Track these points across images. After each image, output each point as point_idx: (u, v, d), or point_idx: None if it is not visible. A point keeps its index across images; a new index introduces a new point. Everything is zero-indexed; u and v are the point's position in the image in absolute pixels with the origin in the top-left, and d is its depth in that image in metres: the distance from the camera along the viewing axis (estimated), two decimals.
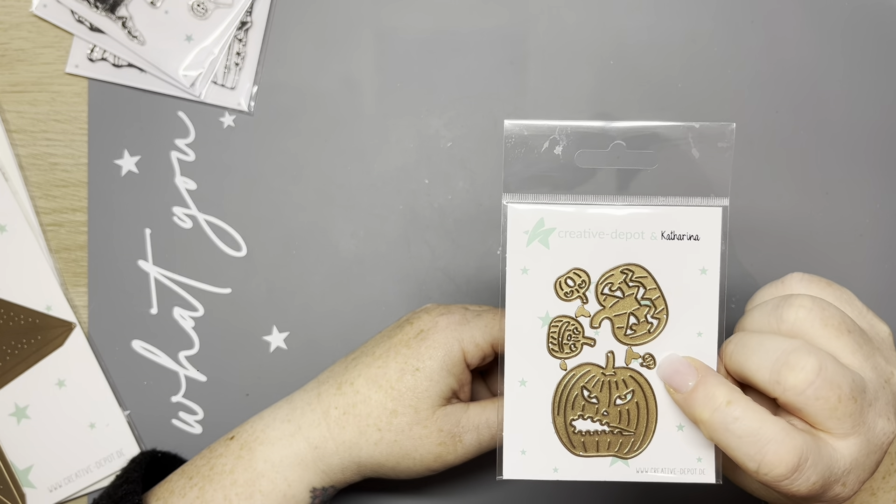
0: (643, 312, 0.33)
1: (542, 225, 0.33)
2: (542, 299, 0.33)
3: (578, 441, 0.34)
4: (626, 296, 0.33)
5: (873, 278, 0.50)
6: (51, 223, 0.49)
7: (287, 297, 0.49)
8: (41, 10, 0.48)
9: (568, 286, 0.33)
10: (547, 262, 0.33)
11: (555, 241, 0.33)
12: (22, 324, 0.48)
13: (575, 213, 0.32)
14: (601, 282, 0.33)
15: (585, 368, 0.34)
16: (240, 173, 0.49)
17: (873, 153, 0.49)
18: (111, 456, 0.49)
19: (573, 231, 0.33)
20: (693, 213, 0.33)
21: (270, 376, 0.50)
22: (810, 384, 0.31)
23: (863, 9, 0.49)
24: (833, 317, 0.33)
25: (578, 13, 0.49)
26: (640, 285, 0.33)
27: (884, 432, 0.32)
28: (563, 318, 0.33)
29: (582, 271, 0.33)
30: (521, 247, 0.33)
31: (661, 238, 0.33)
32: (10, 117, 0.49)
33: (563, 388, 0.34)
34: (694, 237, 0.33)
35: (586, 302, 0.33)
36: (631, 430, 0.34)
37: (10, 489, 0.48)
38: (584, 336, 0.33)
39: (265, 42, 0.49)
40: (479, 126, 0.49)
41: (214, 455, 0.42)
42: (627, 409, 0.34)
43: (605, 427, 0.34)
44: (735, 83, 0.49)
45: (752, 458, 0.31)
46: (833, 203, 0.49)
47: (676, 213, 0.33)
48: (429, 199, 0.49)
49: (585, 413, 0.34)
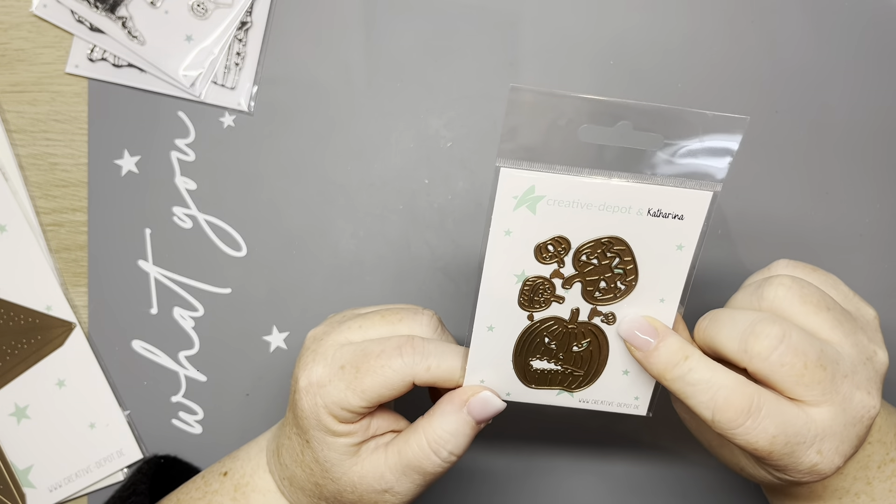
0: (614, 279, 0.35)
1: (533, 192, 0.33)
2: (520, 260, 0.34)
3: (533, 377, 0.36)
4: (601, 264, 0.34)
5: (873, 278, 0.50)
6: (51, 223, 0.49)
7: (287, 297, 0.49)
8: (41, 10, 0.48)
9: (548, 251, 0.34)
10: (531, 227, 0.33)
11: (542, 207, 0.33)
12: (22, 324, 0.48)
13: (566, 183, 0.33)
14: (580, 250, 0.34)
15: (550, 321, 0.35)
16: (240, 173, 0.49)
17: (873, 153, 0.49)
18: (111, 456, 0.49)
19: (561, 200, 0.33)
20: (683, 194, 0.33)
21: (270, 376, 0.50)
22: (774, 349, 0.32)
23: (863, 9, 0.49)
24: (812, 294, 0.34)
25: (578, 13, 0.49)
26: (617, 256, 0.34)
27: (863, 405, 0.33)
28: (537, 277, 0.34)
29: (563, 239, 0.34)
30: (508, 210, 0.33)
31: (646, 214, 0.33)
32: (10, 117, 0.49)
33: (526, 335, 0.36)
34: (679, 217, 0.33)
35: (563, 266, 0.34)
36: (581, 371, 0.37)
37: (10, 489, 0.48)
38: (554, 294, 0.35)
39: (265, 42, 0.49)
40: (479, 126, 0.49)
41: (210, 490, 0.41)
42: (581, 355, 0.36)
43: (558, 367, 0.36)
44: (735, 83, 0.49)
45: (706, 405, 0.33)
46: (833, 203, 0.49)
47: (667, 193, 0.33)
48: (429, 199, 0.49)
49: (543, 356, 0.36)
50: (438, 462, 0.35)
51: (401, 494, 0.36)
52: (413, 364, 0.34)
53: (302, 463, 0.37)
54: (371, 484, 0.35)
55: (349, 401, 0.34)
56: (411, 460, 0.35)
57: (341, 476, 0.36)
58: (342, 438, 0.35)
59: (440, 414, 0.35)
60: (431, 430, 0.35)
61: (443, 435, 0.35)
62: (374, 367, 0.34)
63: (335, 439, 0.35)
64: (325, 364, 0.35)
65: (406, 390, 0.35)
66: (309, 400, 0.35)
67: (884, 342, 0.35)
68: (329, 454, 0.36)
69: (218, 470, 0.42)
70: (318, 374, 0.35)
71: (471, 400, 0.35)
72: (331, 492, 0.37)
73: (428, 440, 0.35)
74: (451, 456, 0.35)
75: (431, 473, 0.35)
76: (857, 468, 0.38)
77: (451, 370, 0.35)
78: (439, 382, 0.35)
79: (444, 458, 0.35)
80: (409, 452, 0.35)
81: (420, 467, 0.35)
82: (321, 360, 0.35)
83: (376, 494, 0.36)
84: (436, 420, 0.35)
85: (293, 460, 0.38)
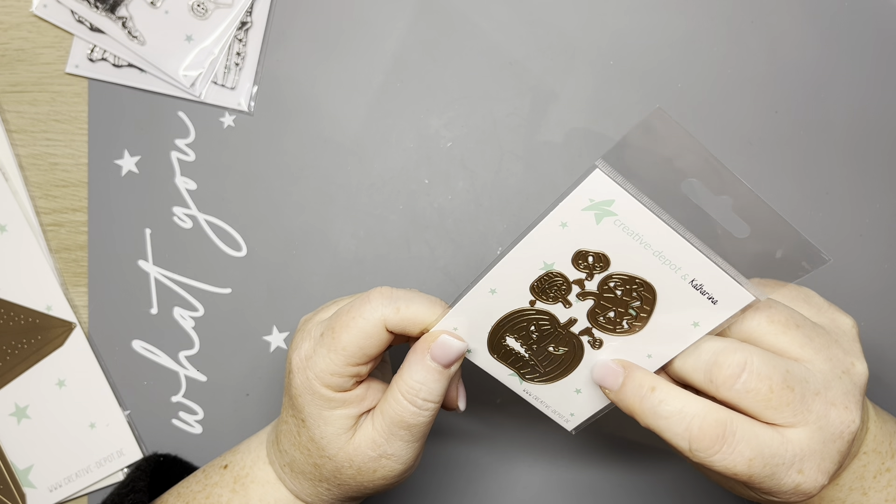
0: (624, 316, 0.35)
1: (609, 205, 0.32)
2: (557, 253, 0.34)
3: (500, 349, 0.37)
4: (621, 297, 0.35)
5: (873, 278, 0.50)
6: (51, 223, 0.49)
7: (287, 297, 0.49)
8: (41, 11, 0.48)
9: (586, 262, 0.34)
10: (586, 233, 0.33)
11: (607, 223, 0.33)
12: (22, 324, 0.48)
13: (644, 216, 0.32)
14: (613, 276, 0.34)
15: (546, 315, 0.36)
16: (240, 173, 0.49)
17: (873, 153, 0.49)
18: (111, 456, 0.49)
19: (627, 227, 0.33)
20: (731, 284, 0.33)
21: (270, 376, 0.50)
22: (737, 378, 0.32)
23: (863, 9, 0.49)
24: (779, 313, 0.34)
25: (578, 13, 0.49)
26: (640, 300, 0.34)
27: (841, 421, 0.33)
28: (561, 275, 0.35)
29: (606, 258, 0.34)
30: (578, 208, 0.33)
31: (688, 283, 0.34)
32: (10, 117, 0.49)
33: (517, 314, 0.36)
34: (713, 300, 0.34)
35: (590, 280, 0.34)
36: (542, 370, 0.37)
37: (11, 489, 0.49)
38: (565, 297, 0.35)
39: (265, 42, 0.49)
40: (479, 126, 0.49)
41: (210, 483, 0.41)
42: (552, 357, 0.37)
43: (526, 355, 0.37)
44: (735, 83, 0.49)
45: (681, 436, 0.33)
46: (833, 203, 0.49)
47: (717, 275, 0.33)
48: (429, 199, 0.49)
49: (520, 338, 0.37)
50: (416, 411, 0.36)
51: (395, 456, 0.37)
52: (382, 306, 0.35)
53: (299, 445, 0.38)
54: (366, 452, 0.36)
55: (334, 363, 0.35)
56: (393, 416, 0.36)
57: (337, 452, 0.37)
58: (338, 410, 0.36)
59: (407, 365, 0.36)
60: (403, 382, 0.36)
61: (413, 385, 0.36)
62: (347, 321, 0.35)
63: (331, 412, 0.36)
64: (310, 339, 0.37)
65: (385, 340, 0.36)
66: (301, 376, 0.36)
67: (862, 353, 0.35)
68: (325, 430, 0.36)
69: (218, 463, 0.42)
70: (306, 349, 0.36)
71: (431, 346, 0.36)
72: (329, 470, 0.37)
73: (402, 393, 0.36)
74: (427, 403, 0.36)
75: (415, 426, 0.36)
76: (853, 479, 0.37)
77: (420, 314, 0.36)
78: (409, 326, 0.36)
79: (420, 407, 0.36)
80: (389, 410, 0.36)
81: (402, 421, 0.36)
82: (307, 337, 0.37)
83: (372, 462, 0.37)
84: (405, 372, 0.36)
85: (291, 444, 0.38)
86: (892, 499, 0.37)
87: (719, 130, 0.49)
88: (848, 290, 0.50)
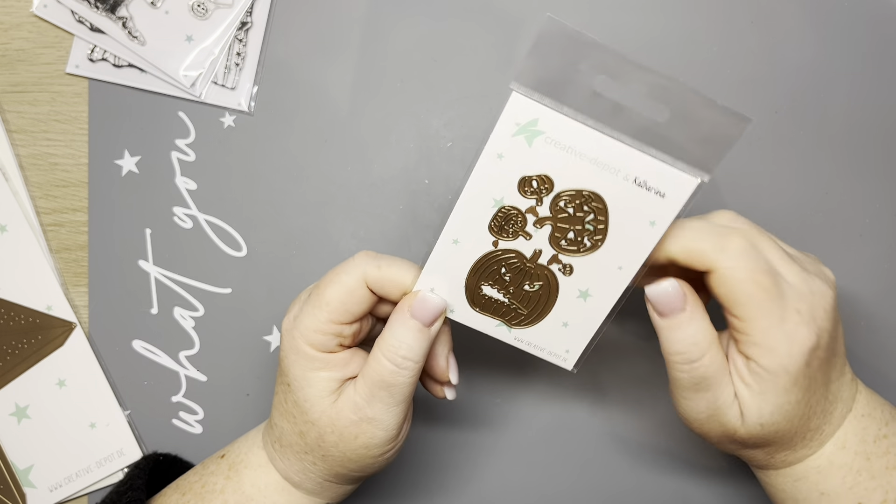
0: (583, 233, 0.36)
1: (535, 125, 0.33)
2: (503, 186, 0.35)
3: (479, 300, 0.38)
4: (575, 215, 0.35)
5: (873, 278, 0.50)
6: (51, 223, 0.49)
7: (287, 297, 0.49)
8: (41, 11, 0.48)
9: (531, 186, 0.35)
10: (523, 159, 0.34)
11: (539, 143, 0.34)
12: (22, 324, 0.48)
13: (569, 126, 0.33)
14: (561, 195, 0.35)
15: (512, 253, 0.37)
16: (240, 173, 0.49)
17: (873, 153, 0.49)
18: (111, 456, 0.49)
19: (558, 142, 0.34)
20: (671, 173, 0.34)
21: (270, 376, 0.50)
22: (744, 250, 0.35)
23: (863, 9, 0.49)
24: (763, 240, 0.36)
25: (578, 13, 0.49)
26: (593, 212, 0.35)
27: (823, 275, 0.37)
28: (513, 208, 0.36)
29: (549, 179, 0.35)
30: (507, 135, 0.34)
31: (631, 182, 0.34)
32: (10, 117, 0.49)
33: (486, 259, 0.37)
34: (660, 194, 0.34)
35: (540, 204, 0.35)
36: (525, 311, 0.38)
37: (11, 489, 0.49)
38: (523, 229, 0.36)
39: (265, 42, 0.49)
40: (479, 126, 0.49)
41: (207, 472, 0.42)
42: (530, 295, 0.37)
43: (505, 300, 0.38)
44: (735, 83, 0.49)
45: None
46: (833, 203, 0.49)
47: (656, 167, 0.34)
48: (429, 199, 0.49)
49: (495, 284, 0.37)
50: (395, 370, 0.37)
51: (377, 420, 0.37)
52: (365, 264, 0.37)
53: (286, 413, 0.39)
54: (348, 416, 0.37)
55: (318, 319, 0.37)
56: (373, 376, 0.37)
57: (320, 416, 0.37)
58: (322, 372, 0.37)
59: (389, 325, 0.37)
60: (384, 341, 0.37)
61: (393, 342, 0.37)
62: (332, 277, 0.37)
63: (315, 374, 0.37)
64: (298, 303, 0.39)
65: (366, 298, 0.37)
66: (288, 336, 0.38)
67: None
68: (308, 392, 0.37)
69: (217, 455, 0.43)
70: (294, 311, 0.38)
71: (412, 303, 0.37)
72: (313, 438, 0.38)
73: (383, 352, 0.37)
74: (406, 361, 0.37)
75: (394, 385, 0.37)
76: (856, 441, 0.38)
77: (401, 275, 0.37)
78: (388, 286, 0.37)
79: (400, 365, 0.37)
80: (369, 371, 0.37)
81: (383, 381, 0.37)
82: (297, 302, 0.39)
83: (354, 426, 0.37)
84: (386, 332, 0.37)
85: (280, 414, 0.39)
86: (892, 466, 0.38)
87: None
88: (848, 290, 0.50)
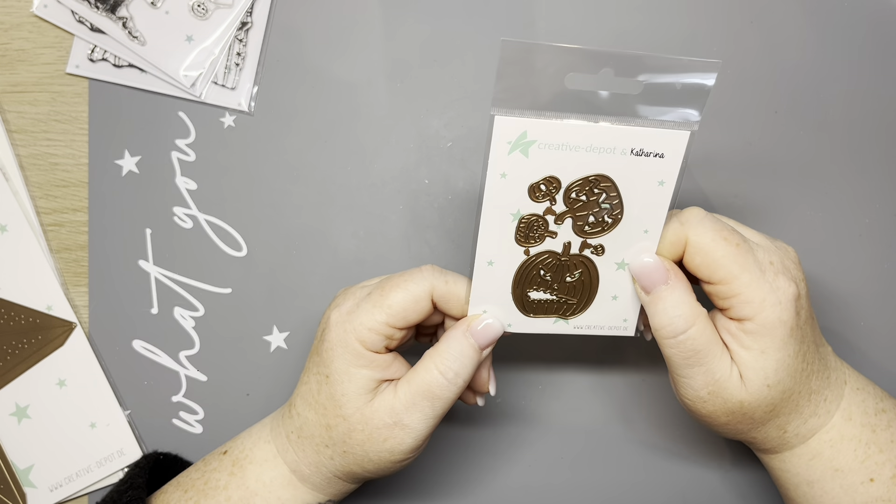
0: (602, 213, 0.37)
1: (525, 137, 0.35)
2: (515, 199, 0.37)
3: (531, 306, 0.40)
4: (589, 200, 0.37)
5: (873, 278, 0.50)
6: (51, 223, 0.49)
7: (287, 297, 0.49)
8: (42, 11, 0.48)
9: (541, 190, 0.37)
10: (524, 169, 0.36)
11: (534, 151, 0.36)
12: (22, 324, 0.48)
13: (555, 127, 0.35)
14: (570, 188, 0.37)
15: (545, 254, 0.38)
16: (240, 173, 0.49)
17: (873, 153, 0.49)
18: (111, 456, 0.49)
19: (551, 143, 0.35)
20: (663, 134, 0.36)
21: (270, 376, 0.50)
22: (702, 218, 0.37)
23: (863, 9, 0.49)
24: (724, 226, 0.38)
25: (578, 13, 0.49)
26: (604, 192, 0.37)
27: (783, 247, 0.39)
28: (532, 215, 0.37)
29: (554, 178, 0.36)
30: (503, 155, 0.36)
31: (629, 154, 0.36)
32: (10, 117, 0.49)
33: (523, 269, 0.39)
34: (659, 155, 0.36)
35: (555, 203, 0.37)
36: (574, 300, 0.40)
37: (11, 489, 0.49)
38: (547, 230, 0.38)
39: (265, 42, 0.49)
40: (479, 126, 0.49)
41: (209, 469, 0.42)
42: (574, 285, 0.39)
43: (553, 297, 0.39)
44: (735, 83, 0.49)
45: None
46: (833, 203, 0.49)
47: (648, 134, 0.36)
48: (429, 199, 0.49)
49: (539, 287, 0.39)
50: (445, 383, 0.37)
51: (410, 427, 0.37)
52: (433, 277, 0.38)
53: (317, 404, 0.39)
54: (382, 418, 0.37)
55: (376, 318, 0.37)
56: (420, 385, 0.37)
57: (354, 412, 0.38)
58: (364, 370, 0.38)
59: (445, 339, 0.38)
60: (438, 353, 0.38)
61: (448, 356, 0.37)
62: (399, 282, 0.38)
63: (358, 370, 0.38)
64: (353, 298, 0.39)
65: (427, 309, 0.38)
66: (338, 329, 0.38)
67: None
68: (347, 387, 0.38)
69: (219, 451, 0.43)
70: (348, 306, 0.39)
71: (472, 324, 0.38)
72: (340, 433, 0.38)
73: (435, 363, 0.37)
74: (457, 378, 0.37)
75: (440, 398, 0.37)
76: (860, 413, 0.39)
77: (463, 293, 0.38)
78: (452, 301, 0.38)
79: (450, 380, 0.37)
80: (417, 379, 0.37)
81: (429, 391, 0.37)
82: (350, 297, 0.39)
83: (386, 429, 0.37)
84: (442, 344, 0.38)
85: (307, 404, 0.39)
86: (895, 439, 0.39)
87: (719, 130, 0.49)
88: (848, 290, 0.50)
